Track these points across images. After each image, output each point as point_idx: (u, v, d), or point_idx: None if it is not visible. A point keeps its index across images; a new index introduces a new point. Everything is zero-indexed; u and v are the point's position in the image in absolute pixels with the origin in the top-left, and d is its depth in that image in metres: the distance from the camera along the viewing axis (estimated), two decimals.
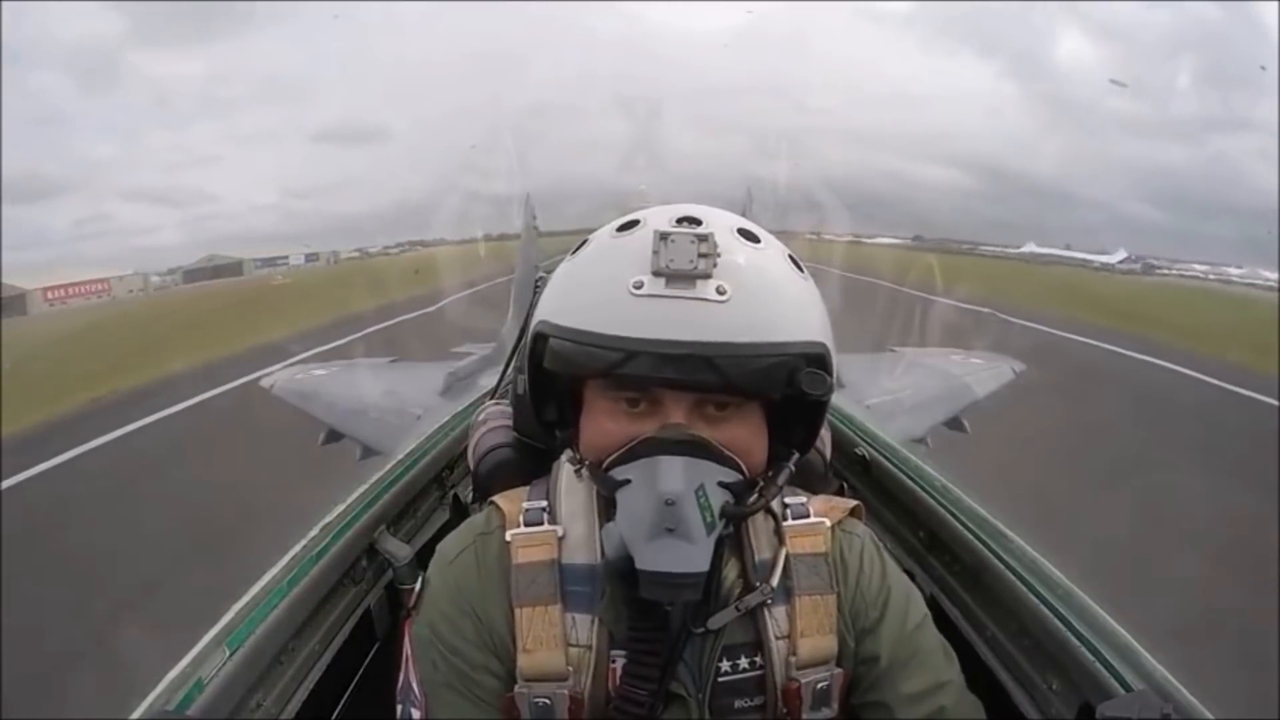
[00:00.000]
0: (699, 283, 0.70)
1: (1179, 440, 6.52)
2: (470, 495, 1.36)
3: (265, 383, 5.31)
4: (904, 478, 1.53)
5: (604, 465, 0.77)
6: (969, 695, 0.87)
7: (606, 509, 0.83)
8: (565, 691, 0.80)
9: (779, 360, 0.72)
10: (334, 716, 1.35)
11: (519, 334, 1.33)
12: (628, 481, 0.74)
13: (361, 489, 1.51)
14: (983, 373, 4.72)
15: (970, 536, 1.27)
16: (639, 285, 0.71)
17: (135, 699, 0.93)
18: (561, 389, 0.83)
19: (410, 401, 4.17)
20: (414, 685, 0.85)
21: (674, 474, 0.71)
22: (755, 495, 0.80)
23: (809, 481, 1.03)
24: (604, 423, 0.77)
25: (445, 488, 1.87)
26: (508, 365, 1.71)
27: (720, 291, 0.70)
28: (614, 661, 0.81)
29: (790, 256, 0.80)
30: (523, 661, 0.80)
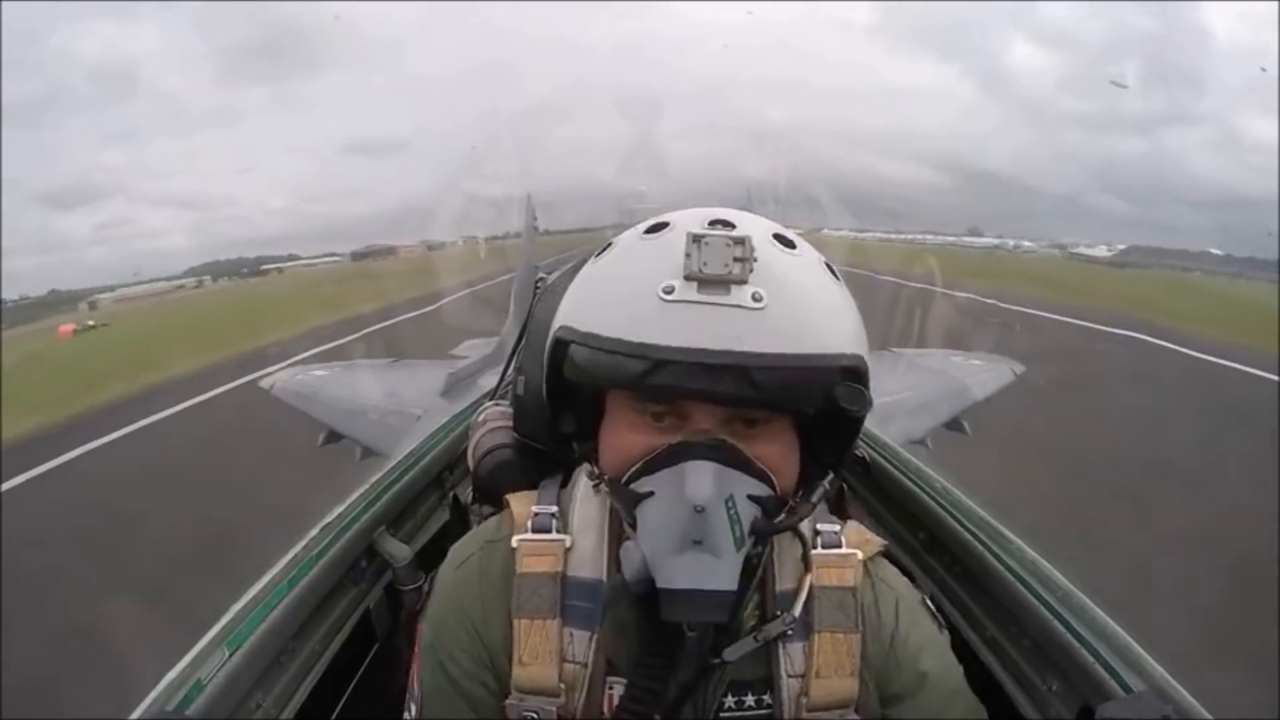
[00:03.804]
0: (734, 288, 0.66)
1: None
2: (470, 496, 1.36)
3: (265, 383, 5.30)
4: (904, 479, 1.53)
5: (625, 479, 0.73)
6: None
7: (620, 526, 0.80)
8: (555, 709, 0.78)
9: (817, 373, 0.68)
10: (334, 717, 1.35)
11: (519, 335, 1.33)
12: (650, 494, 0.70)
13: (361, 489, 1.51)
14: (982, 374, 4.71)
15: (970, 538, 1.27)
16: (669, 290, 0.66)
17: None
18: (583, 398, 0.78)
19: (410, 402, 4.17)
20: (415, 685, 0.85)
21: (703, 480, 0.67)
22: (786, 514, 0.75)
23: (833, 496, 1.01)
24: (627, 435, 0.73)
25: (445, 488, 1.87)
26: (508, 366, 1.71)
27: (756, 298, 0.66)
28: (611, 688, 0.78)
29: (826, 264, 0.76)
30: (517, 673, 0.78)
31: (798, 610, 0.78)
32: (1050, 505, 4.81)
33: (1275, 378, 9.52)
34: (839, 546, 0.83)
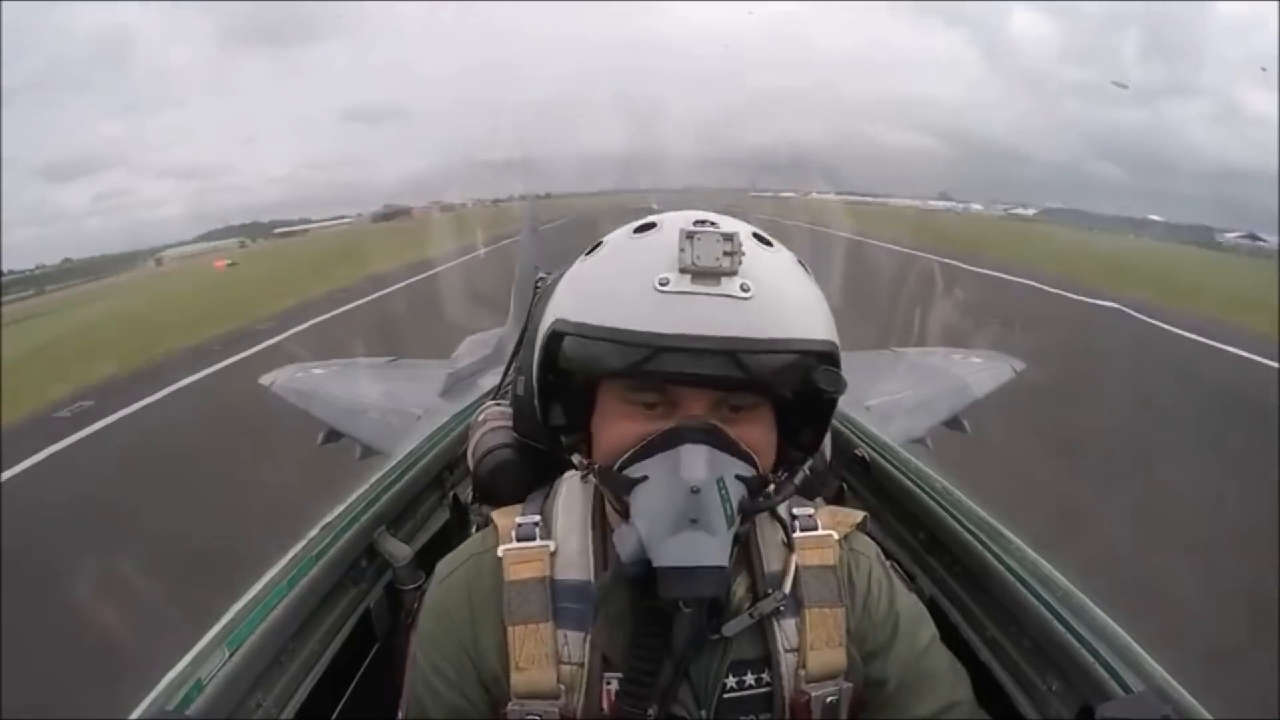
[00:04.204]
0: (724, 280, 0.71)
1: None
2: (470, 496, 1.35)
3: (264, 379, 5.29)
4: (904, 479, 1.53)
5: (617, 466, 0.76)
6: (979, 712, 0.88)
7: (603, 527, 0.84)
8: (557, 710, 0.80)
9: (799, 356, 0.73)
10: (334, 717, 1.35)
11: (520, 334, 1.33)
12: (644, 479, 0.73)
13: (361, 489, 1.51)
14: (982, 372, 4.70)
15: (970, 538, 1.27)
16: (664, 282, 0.71)
17: None
18: (572, 391, 0.81)
19: (410, 402, 4.16)
20: (405, 691, 0.89)
21: (698, 462, 0.71)
22: (769, 494, 0.80)
23: (810, 483, 1.04)
24: (620, 424, 0.77)
25: (445, 488, 1.87)
26: (509, 366, 1.70)
27: (744, 289, 0.71)
28: (609, 683, 0.80)
29: (799, 261, 0.81)
30: (516, 679, 0.80)
31: (787, 587, 0.83)
32: None
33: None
34: (815, 528, 0.89)
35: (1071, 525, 3.93)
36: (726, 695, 0.81)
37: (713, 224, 0.74)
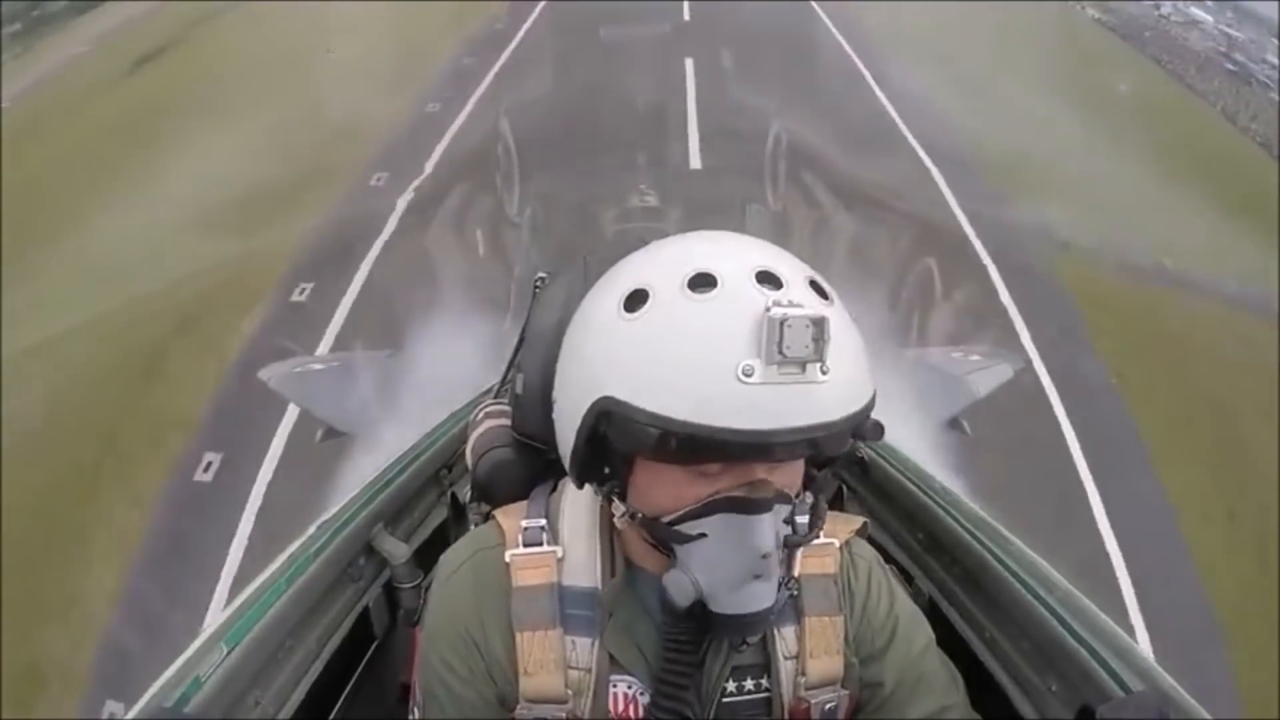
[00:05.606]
0: (808, 366, 0.67)
1: None
2: (468, 495, 1.35)
3: (263, 374, 5.30)
4: (903, 479, 1.53)
5: (669, 521, 0.75)
6: (973, 713, 0.88)
7: (611, 533, 0.84)
8: (564, 714, 0.81)
9: (859, 423, 0.72)
10: (332, 715, 1.35)
11: (520, 335, 1.32)
12: (701, 535, 0.73)
13: (359, 487, 1.51)
14: (981, 372, 4.70)
15: (969, 538, 1.27)
16: (749, 372, 0.65)
17: None
18: (614, 450, 0.76)
19: (408, 398, 4.15)
20: (417, 693, 0.88)
21: (768, 530, 0.71)
22: (809, 527, 0.80)
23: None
24: (674, 488, 0.74)
25: (443, 486, 1.86)
26: (509, 365, 1.69)
27: (824, 370, 0.67)
28: (615, 686, 0.82)
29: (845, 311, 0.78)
30: (524, 683, 0.81)
31: (794, 583, 0.83)
32: None
33: None
34: (817, 536, 0.87)
35: None
36: (725, 699, 0.82)
37: (772, 279, 0.69)
